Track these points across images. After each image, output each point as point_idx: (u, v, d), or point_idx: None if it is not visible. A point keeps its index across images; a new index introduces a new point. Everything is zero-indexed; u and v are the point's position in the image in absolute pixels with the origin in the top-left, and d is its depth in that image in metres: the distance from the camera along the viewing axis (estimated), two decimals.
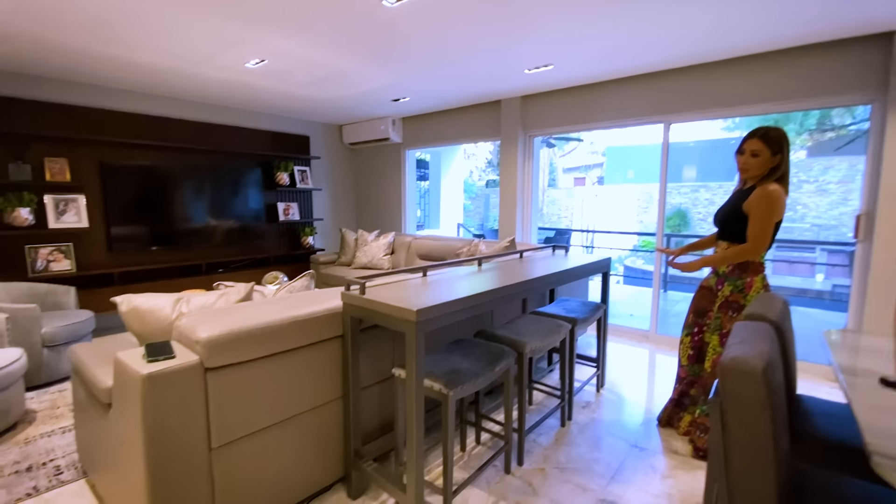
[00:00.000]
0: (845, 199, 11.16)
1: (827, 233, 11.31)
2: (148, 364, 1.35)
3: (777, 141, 1.95)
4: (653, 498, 1.88)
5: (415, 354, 1.49)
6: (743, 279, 2.01)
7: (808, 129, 13.28)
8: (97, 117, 4.01)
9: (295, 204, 5.44)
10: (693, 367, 2.29)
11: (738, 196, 2.06)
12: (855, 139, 12.66)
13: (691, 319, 2.29)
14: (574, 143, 18.39)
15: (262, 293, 2.07)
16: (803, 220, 11.63)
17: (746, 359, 1.02)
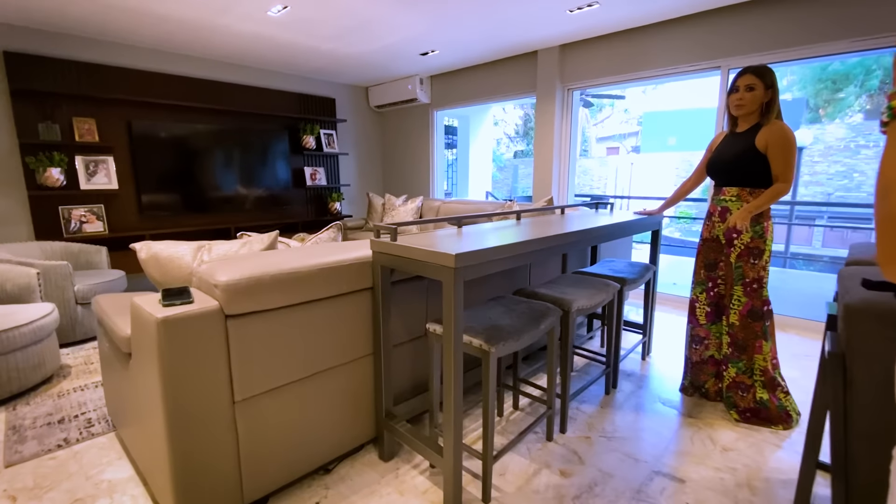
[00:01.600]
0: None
1: None
2: (164, 308, 1.24)
3: (768, 73, 1.93)
4: (714, 472, 1.69)
5: (453, 305, 1.32)
6: (761, 224, 1.96)
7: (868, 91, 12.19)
8: (123, 76, 3.94)
9: (321, 169, 5.32)
10: (713, 326, 2.17)
11: (739, 140, 2.00)
12: None
13: (703, 275, 2.18)
14: (608, 110, 17.58)
15: (287, 244, 1.94)
16: (860, 188, 10.77)
17: (882, 300, 0.80)
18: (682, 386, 2.29)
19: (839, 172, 10.89)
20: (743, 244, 1.99)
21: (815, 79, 12.58)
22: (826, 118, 12.44)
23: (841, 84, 12.20)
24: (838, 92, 12.31)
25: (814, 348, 2.86)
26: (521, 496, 1.57)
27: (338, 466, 1.72)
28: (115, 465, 1.74)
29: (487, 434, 1.51)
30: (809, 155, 10.94)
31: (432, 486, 1.62)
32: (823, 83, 12.48)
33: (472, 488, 1.60)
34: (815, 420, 1.04)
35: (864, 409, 0.82)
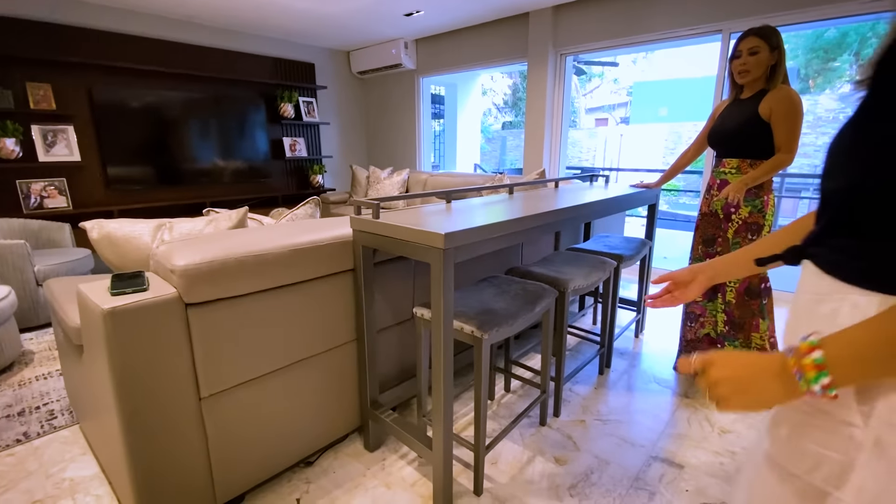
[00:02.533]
0: None
1: None
2: (112, 297, 1.08)
3: (774, 34, 1.79)
4: (713, 456, 1.64)
5: (442, 289, 1.19)
6: (761, 198, 1.87)
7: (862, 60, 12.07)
8: (82, 37, 3.60)
9: (301, 139, 5.06)
10: (709, 304, 2.08)
11: (743, 108, 1.87)
12: None
13: (701, 251, 2.09)
14: (597, 81, 17.23)
15: (259, 221, 1.78)
16: None
17: None
18: (676, 365, 2.23)
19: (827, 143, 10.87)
20: (741, 219, 1.90)
21: (808, 48, 12.39)
22: (816, 89, 12.34)
23: (833, 53, 12.04)
24: (830, 61, 12.17)
25: None
26: (514, 486, 1.49)
27: (320, 458, 1.62)
28: (78, 461, 1.62)
29: (480, 424, 1.41)
30: None
31: (421, 477, 1.53)
32: (815, 52, 12.31)
33: (463, 479, 1.52)
34: None
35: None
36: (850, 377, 0.48)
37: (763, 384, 0.53)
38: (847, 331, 0.49)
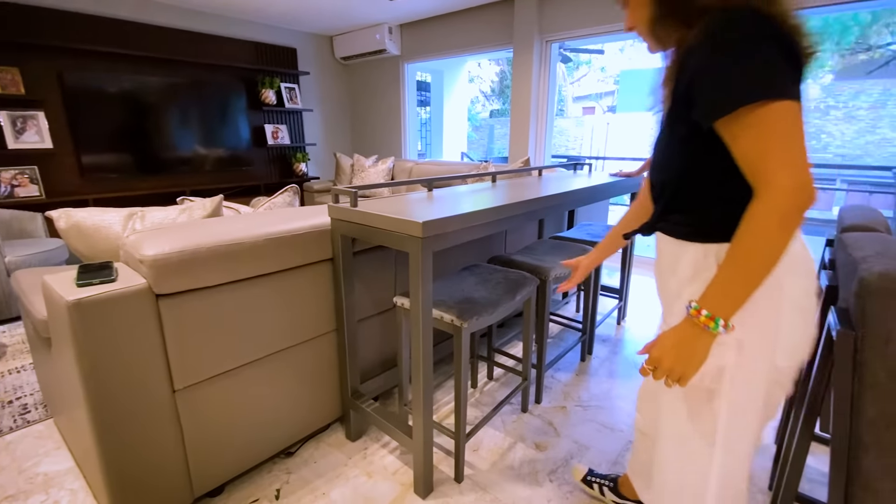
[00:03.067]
0: (874, 127, 10.45)
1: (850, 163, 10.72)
2: (78, 289, 1.05)
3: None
4: None
5: (420, 278, 1.18)
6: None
7: (843, 50, 12.24)
8: (52, 19, 3.45)
9: (284, 126, 4.96)
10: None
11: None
12: (890, 61, 11.69)
13: None
14: (584, 69, 17.19)
15: (236, 210, 1.74)
16: (826, 149, 10.99)
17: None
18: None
19: (808, 134, 11.04)
20: None
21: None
22: None
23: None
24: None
25: None
26: (495, 472, 1.51)
27: (301, 449, 1.61)
28: (52, 456, 1.58)
29: (460, 413, 1.42)
30: None
31: (402, 465, 1.53)
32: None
33: (444, 466, 1.53)
34: (812, 400, 0.97)
35: (874, 394, 0.73)
36: (730, 311, 0.68)
37: (694, 347, 0.71)
38: (708, 288, 0.70)
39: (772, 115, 0.63)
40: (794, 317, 0.75)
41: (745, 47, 0.64)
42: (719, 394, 0.77)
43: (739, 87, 0.64)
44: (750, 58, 0.64)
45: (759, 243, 0.64)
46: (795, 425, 1.07)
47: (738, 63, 0.64)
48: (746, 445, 0.79)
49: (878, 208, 1.60)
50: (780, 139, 0.64)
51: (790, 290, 0.74)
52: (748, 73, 0.64)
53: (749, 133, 0.65)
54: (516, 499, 1.40)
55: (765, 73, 0.64)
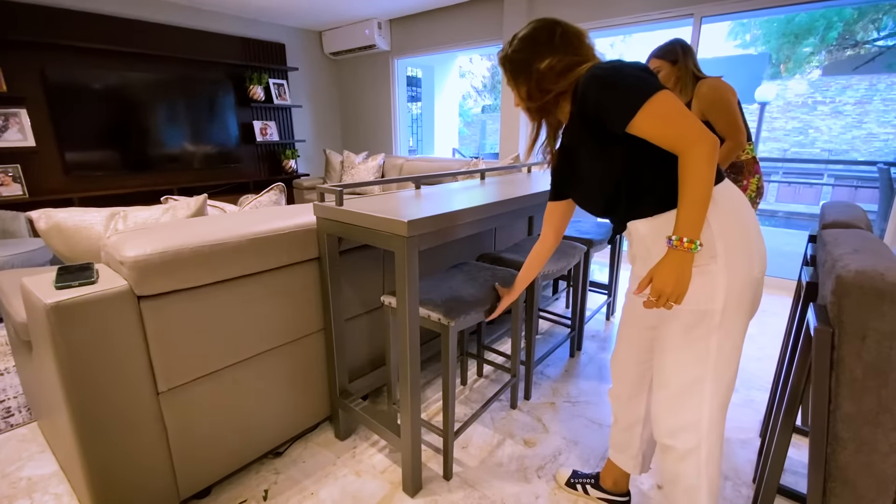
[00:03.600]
0: (860, 122, 10.58)
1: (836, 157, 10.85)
2: (57, 290, 1.03)
3: (670, 52, 1.86)
4: None
5: (406, 277, 1.18)
6: (739, 182, 1.88)
7: (828, 46, 12.35)
8: (34, 15, 3.38)
9: (273, 123, 4.91)
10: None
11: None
12: (876, 57, 11.82)
13: None
14: None
15: (221, 209, 1.72)
16: (813, 144, 11.11)
17: (882, 272, 0.71)
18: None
19: (796, 128, 11.17)
20: None
21: (779, 33, 12.59)
22: (787, 73, 12.59)
23: (802, 38, 12.27)
24: (799, 46, 12.41)
25: (770, 304, 2.92)
26: (484, 470, 1.51)
27: (289, 449, 1.60)
28: (36, 459, 1.56)
29: (448, 411, 1.42)
30: (769, 111, 11.11)
31: (391, 464, 1.53)
32: (786, 37, 12.52)
33: (433, 464, 1.53)
34: (793, 394, 0.99)
35: (850, 391, 0.74)
36: (698, 233, 0.88)
37: (681, 269, 0.90)
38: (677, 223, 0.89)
39: (659, 103, 0.88)
40: (757, 237, 0.97)
41: (618, 77, 0.92)
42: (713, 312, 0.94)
43: (629, 99, 0.90)
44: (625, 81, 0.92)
45: (699, 180, 0.86)
46: (777, 419, 1.08)
47: (622, 83, 0.92)
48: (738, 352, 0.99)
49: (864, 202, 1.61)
50: (674, 115, 0.88)
51: (749, 219, 0.97)
52: (631, 87, 0.90)
53: (653, 120, 0.89)
54: (505, 495, 1.40)
55: (638, 84, 0.90)
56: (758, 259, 0.96)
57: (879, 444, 0.74)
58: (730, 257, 0.93)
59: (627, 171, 0.98)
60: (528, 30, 1.08)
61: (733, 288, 0.93)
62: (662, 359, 1.04)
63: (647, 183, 0.97)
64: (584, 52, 1.05)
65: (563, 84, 1.03)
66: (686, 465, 1.05)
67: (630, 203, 1.01)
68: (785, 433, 1.01)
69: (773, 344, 2.39)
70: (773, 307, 2.87)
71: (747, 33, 13.41)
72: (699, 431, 1.02)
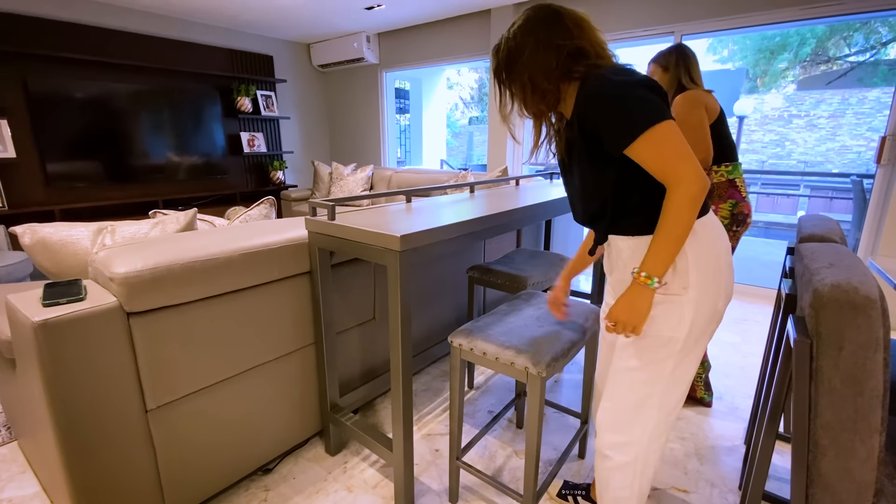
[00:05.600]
0: (834, 135, 10.96)
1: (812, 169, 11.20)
2: (44, 309, 1.02)
3: (665, 58, 1.79)
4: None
5: (399, 291, 1.19)
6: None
7: (802, 61, 12.81)
8: (14, 24, 3.34)
9: (260, 134, 4.90)
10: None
11: None
12: (848, 72, 12.29)
13: None
14: None
15: (211, 223, 1.71)
16: (790, 156, 11.46)
17: (855, 286, 0.75)
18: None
19: (773, 141, 11.52)
20: None
21: (755, 49, 13.03)
22: (763, 88, 13.01)
23: (777, 53, 12.72)
24: (775, 61, 12.85)
25: (752, 312, 2.99)
26: (480, 485, 1.51)
27: (280, 465, 1.58)
28: (17, 480, 1.52)
29: (454, 433, 1.42)
30: (748, 124, 11.45)
31: (383, 478, 1.53)
32: (762, 53, 12.97)
33: (425, 478, 1.53)
34: (776, 402, 1.02)
35: (829, 399, 0.77)
36: (661, 271, 0.91)
37: (640, 301, 0.94)
38: (645, 257, 0.92)
39: (661, 134, 0.86)
40: (728, 274, 1.00)
41: (626, 93, 0.88)
42: (676, 340, 0.97)
43: (633, 122, 0.87)
44: (632, 100, 0.87)
45: (678, 220, 0.87)
46: (761, 426, 1.11)
47: (627, 105, 0.88)
48: (691, 374, 1.03)
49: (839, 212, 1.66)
50: (672, 147, 0.86)
51: (723, 253, 0.99)
52: (635, 111, 0.87)
53: (651, 150, 0.87)
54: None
55: (645, 107, 0.87)
56: (724, 294, 0.99)
57: (857, 450, 0.77)
58: (701, 290, 0.95)
59: (616, 191, 0.96)
60: (523, 19, 0.99)
61: (699, 320, 0.96)
62: (616, 373, 1.05)
63: (634, 206, 0.96)
64: (587, 40, 0.96)
65: (563, 84, 0.97)
66: (619, 476, 1.07)
67: (614, 220, 1.01)
68: (768, 440, 1.04)
69: (756, 352, 2.44)
70: (755, 315, 2.94)
71: (725, 49, 13.85)
72: (639, 447, 1.03)
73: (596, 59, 0.96)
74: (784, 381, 0.97)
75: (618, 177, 0.95)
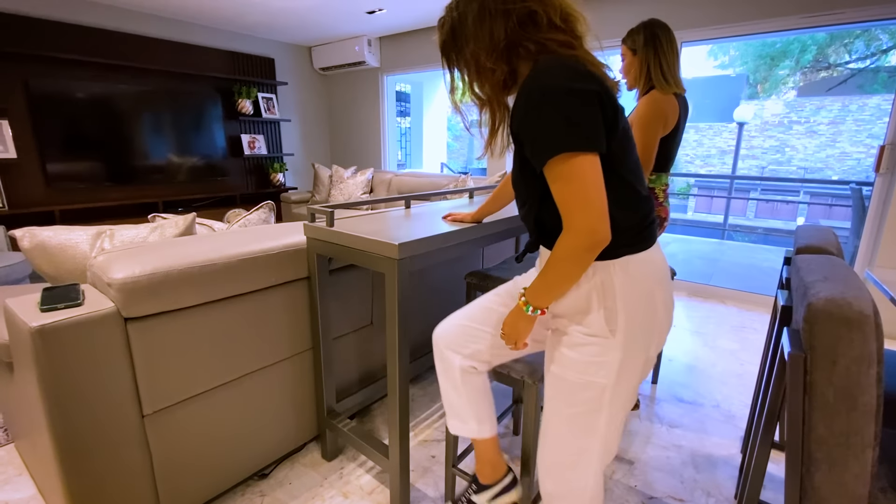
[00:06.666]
0: (834, 142, 11.00)
1: (812, 175, 11.22)
2: (42, 314, 1.02)
3: (631, 38, 1.61)
4: (661, 450, 1.71)
5: (397, 299, 1.19)
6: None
7: (802, 67, 12.86)
8: (17, 25, 3.35)
9: (261, 136, 4.91)
10: None
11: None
12: (848, 79, 12.35)
13: None
14: None
15: (210, 227, 1.72)
16: (790, 162, 11.49)
17: (849, 301, 0.75)
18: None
19: (773, 146, 11.55)
20: None
21: (756, 55, 13.08)
22: (763, 94, 13.05)
23: (778, 60, 12.77)
24: (776, 68, 12.90)
25: (750, 320, 3.00)
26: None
27: (276, 470, 1.58)
28: (13, 482, 1.52)
29: (450, 440, 1.42)
30: (748, 130, 11.48)
31: (379, 485, 1.53)
32: (763, 59, 13.02)
33: (421, 485, 1.53)
34: (770, 413, 1.02)
35: (823, 413, 0.78)
36: (541, 304, 0.89)
37: (521, 321, 0.93)
38: (532, 283, 0.89)
39: (572, 167, 0.75)
40: (664, 317, 0.91)
41: (558, 103, 0.75)
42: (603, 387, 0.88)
43: (551, 141, 0.75)
44: (561, 114, 0.74)
45: (555, 268, 0.82)
46: (756, 436, 1.11)
47: (552, 119, 0.75)
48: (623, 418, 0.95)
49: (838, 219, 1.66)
50: (578, 188, 0.75)
51: (661, 298, 0.89)
52: (558, 130, 0.75)
53: (557, 181, 0.77)
54: None
55: (572, 129, 0.74)
56: (657, 339, 0.90)
57: (850, 464, 0.78)
58: (629, 335, 0.86)
59: (539, 207, 0.89)
60: None
61: (627, 366, 0.87)
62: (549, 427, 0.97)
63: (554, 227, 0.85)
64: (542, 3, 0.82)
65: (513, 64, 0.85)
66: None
67: (540, 232, 0.94)
68: (763, 450, 1.04)
69: (753, 360, 2.45)
70: (753, 323, 2.94)
71: (725, 55, 13.91)
72: (582, 497, 0.98)
73: (550, 33, 0.82)
74: (779, 394, 0.98)
75: (543, 190, 0.84)
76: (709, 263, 4.84)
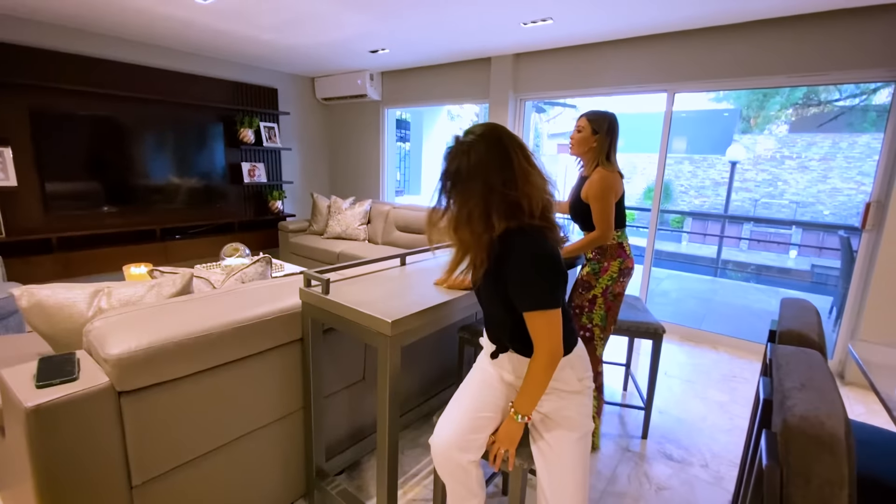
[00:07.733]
0: (825, 177, 11.21)
1: (804, 210, 11.41)
2: (38, 390, 1.04)
3: (598, 122, 1.92)
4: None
5: (388, 375, 1.21)
6: (601, 264, 2.00)
7: (793, 104, 13.18)
8: (24, 57, 3.41)
9: (261, 164, 4.97)
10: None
11: (579, 185, 2.02)
12: (839, 115, 12.66)
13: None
14: (559, 108, 17.85)
15: (208, 280, 1.74)
16: (782, 196, 11.69)
17: (822, 420, 0.78)
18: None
19: (766, 180, 11.76)
20: (581, 275, 2.06)
21: (748, 92, 13.43)
22: (756, 129, 13.34)
23: (770, 96, 13.11)
24: (767, 104, 13.23)
25: (741, 368, 3.02)
26: None
27: None
28: None
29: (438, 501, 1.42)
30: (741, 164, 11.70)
31: None
32: (755, 95, 13.37)
33: None
34: None
35: None
36: (528, 410, 1.17)
37: (514, 432, 1.19)
38: (517, 397, 1.18)
39: (545, 318, 1.10)
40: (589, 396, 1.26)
41: (545, 271, 1.11)
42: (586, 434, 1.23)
43: (536, 298, 1.10)
44: (547, 281, 1.11)
45: (536, 380, 1.14)
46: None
47: (539, 284, 1.10)
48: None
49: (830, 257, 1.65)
50: (546, 329, 1.11)
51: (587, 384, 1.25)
52: (542, 292, 1.10)
53: (532, 323, 1.12)
54: None
55: (550, 293, 1.10)
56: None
57: None
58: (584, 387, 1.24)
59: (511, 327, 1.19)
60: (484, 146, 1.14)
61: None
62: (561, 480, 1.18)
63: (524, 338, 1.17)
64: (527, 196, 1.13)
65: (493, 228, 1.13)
66: None
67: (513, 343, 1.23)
68: None
69: (742, 413, 2.46)
70: (743, 372, 2.96)
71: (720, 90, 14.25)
72: None
73: (529, 220, 1.12)
74: (757, 498, 1.00)
75: (516, 319, 1.16)
76: (702, 303, 4.89)
